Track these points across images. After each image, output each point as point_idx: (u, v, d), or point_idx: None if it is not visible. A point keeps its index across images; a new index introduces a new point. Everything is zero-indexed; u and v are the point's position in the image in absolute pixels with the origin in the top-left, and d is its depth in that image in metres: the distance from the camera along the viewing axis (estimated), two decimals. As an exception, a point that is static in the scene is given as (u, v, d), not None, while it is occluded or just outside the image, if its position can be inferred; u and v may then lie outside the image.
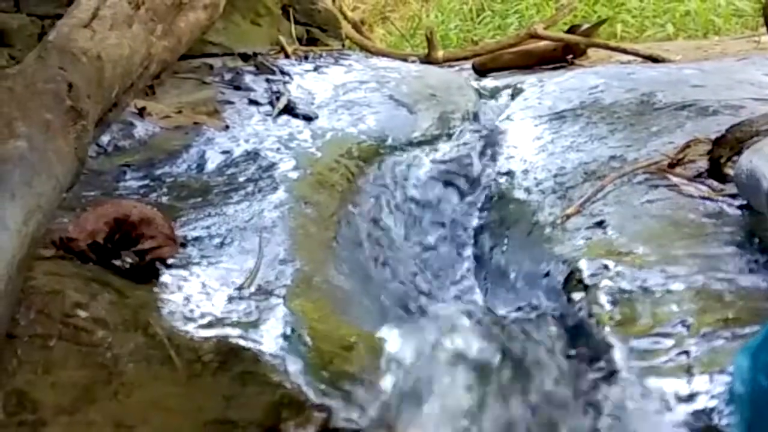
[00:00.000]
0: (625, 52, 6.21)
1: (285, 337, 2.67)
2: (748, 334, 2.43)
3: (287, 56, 5.66)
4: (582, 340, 2.69)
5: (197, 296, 2.80)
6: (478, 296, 3.74)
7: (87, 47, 3.00)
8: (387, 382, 2.64)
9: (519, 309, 3.21)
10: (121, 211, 2.79)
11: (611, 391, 2.49)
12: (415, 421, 2.62)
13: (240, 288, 2.89)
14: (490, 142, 4.54)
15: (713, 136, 3.51)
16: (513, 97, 5.20)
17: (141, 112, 4.26)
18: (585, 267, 2.98)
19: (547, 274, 3.17)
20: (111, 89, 3.11)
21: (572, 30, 6.44)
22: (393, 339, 2.76)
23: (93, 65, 2.99)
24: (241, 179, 3.76)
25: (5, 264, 2.31)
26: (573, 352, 2.68)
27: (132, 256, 2.81)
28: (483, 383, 2.67)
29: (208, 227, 3.28)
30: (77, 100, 2.83)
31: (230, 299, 2.82)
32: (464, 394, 2.65)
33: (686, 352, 2.47)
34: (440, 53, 6.74)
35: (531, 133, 4.47)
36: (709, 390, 2.34)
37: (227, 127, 4.33)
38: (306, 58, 5.67)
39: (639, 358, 2.52)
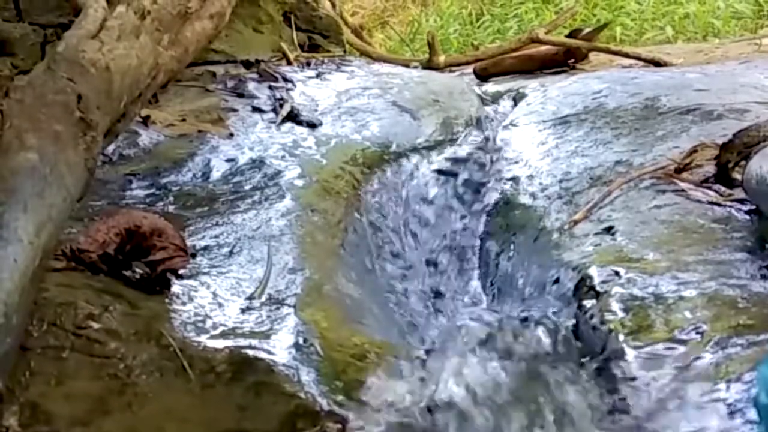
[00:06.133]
0: (627, 56, 6.21)
1: (297, 346, 2.67)
2: (763, 341, 2.43)
3: (289, 63, 5.66)
4: (595, 348, 2.69)
5: (209, 306, 2.80)
6: (485, 302, 3.73)
7: (95, 58, 3.00)
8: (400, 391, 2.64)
9: (528, 316, 3.20)
10: (132, 222, 2.78)
11: (626, 399, 2.49)
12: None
13: (251, 298, 2.90)
14: (494, 148, 4.54)
15: (719, 141, 3.52)
16: (515, 102, 5.20)
17: (145, 121, 4.25)
18: (596, 274, 2.98)
19: (556, 281, 3.17)
20: (120, 100, 3.11)
21: (574, 34, 6.44)
22: (403, 346, 2.76)
23: (102, 76, 2.99)
24: (247, 187, 3.76)
25: (19, 275, 2.31)
26: (585, 359, 2.68)
27: (143, 267, 2.81)
28: (495, 391, 2.67)
29: (216, 236, 3.28)
30: (87, 111, 2.83)
31: (241, 309, 2.83)
32: (474, 400, 2.65)
33: (701, 360, 2.47)
34: (442, 58, 6.73)
35: (535, 138, 4.48)
36: (726, 398, 2.34)
37: (231, 134, 4.32)
38: (308, 64, 5.67)
39: (653, 365, 2.52)
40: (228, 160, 4.02)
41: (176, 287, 2.83)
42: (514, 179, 4.15)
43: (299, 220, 3.48)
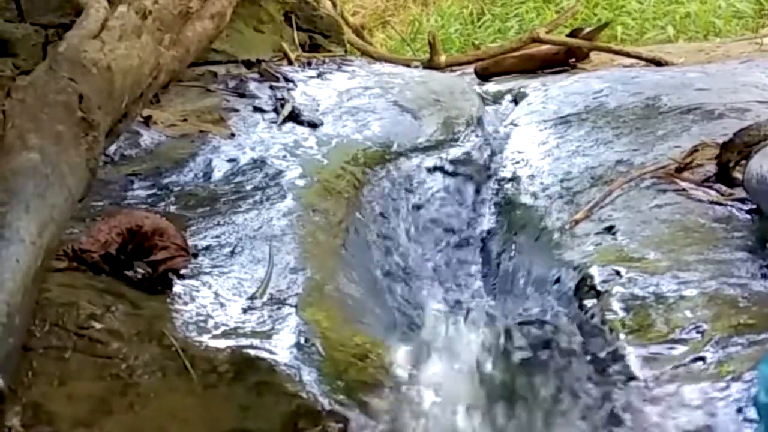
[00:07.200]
0: (628, 55, 6.22)
1: (299, 346, 2.68)
2: (763, 340, 2.43)
3: (290, 63, 5.66)
4: (595, 347, 2.69)
5: (210, 306, 2.80)
6: (486, 301, 3.73)
7: (97, 58, 3.00)
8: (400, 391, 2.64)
9: (529, 315, 3.20)
10: (134, 222, 2.79)
11: (627, 398, 2.49)
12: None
13: (252, 298, 2.90)
14: (496, 147, 4.55)
15: (720, 140, 3.52)
16: (516, 101, 5.21)
17: (147, 121, 4.25)
18: (596, 273, 2.98)
19: (557, 280, 3.17)
20: (121, 100, 3.12)
21: (574, 33, 6.44)
22: (405, 347, 2.77)
23: (103, 76, 2.99)
24: (248, 187, 3.76)
25: (21, 276, 2.32)
26: (587, 358, 2.68)
27: (145, 267, 2.81)
28: (494, 389, 2.67)
29: (217, 236, 3.28)
30: (88, 111, 2.83)
31: (243, 309, 2.83)
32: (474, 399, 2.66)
33: (702, 359, 2.48)
34: (443, 58, 6.74)
35: (536, 137, 4.48)
36: (726, 397, 2.34)
37: (233, 134, 4.33)
38: (309, 64, 5.67)
39: (654, 365, 2.52)
40: (229, 160, 4.03)
41: (178, 287, 2.84)
42: (516, 179, 4.15)
43: (301, 220, 3.48)
